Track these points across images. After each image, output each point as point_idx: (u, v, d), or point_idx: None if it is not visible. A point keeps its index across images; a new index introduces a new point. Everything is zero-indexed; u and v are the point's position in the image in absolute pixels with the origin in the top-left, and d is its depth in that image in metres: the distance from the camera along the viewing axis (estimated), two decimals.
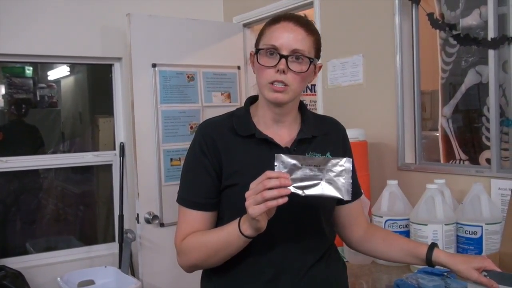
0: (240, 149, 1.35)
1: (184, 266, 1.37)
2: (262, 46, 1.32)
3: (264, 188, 1.12)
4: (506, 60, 2.12)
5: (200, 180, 1.35)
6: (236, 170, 1.33)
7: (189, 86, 3.31)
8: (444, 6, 2.43)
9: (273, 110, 1.37)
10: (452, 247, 1.98)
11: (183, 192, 1.38)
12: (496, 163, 2.12)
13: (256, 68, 1.35)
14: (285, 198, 1.12)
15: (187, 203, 1.36)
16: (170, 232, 3.17)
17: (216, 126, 1.39)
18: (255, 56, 1.34)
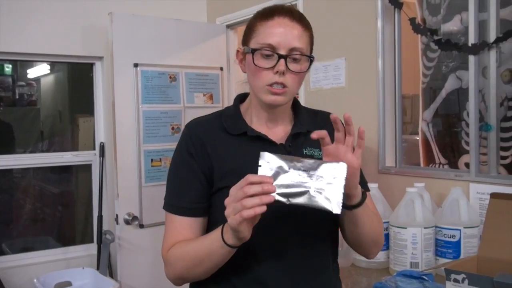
0: (231, 148, 1.26)
1: (171, 278, 1.27)
2: (257, 46, 1.21)
3: (244, 196, 1.02)
4: (486, 66, 2.15)
5: (187, 184, 1.25)
6: (229, 170, 1.22)
7: (171, 86, 3.29)
8: (426, 11, 2.45)
9: (267, 111, 1.29)
10: (430, 250, 1.99)
11: (169, 198, 1.29)
12: (475, 168, 2.14)
13: (250, 69, 1.24)
14: (263, 207, 1.01)
15: (174, 209, 1.26)
16: (150, 233, 3.17)
17: (203, 125, 1.30)
18: (248, 56, 1.23)
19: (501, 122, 2.14)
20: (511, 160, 2.13)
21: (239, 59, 1.30)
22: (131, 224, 3.07)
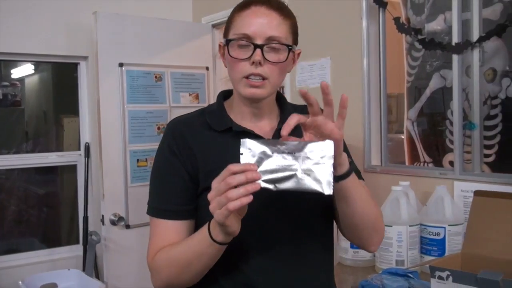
0: (216, 145, 1.19)
1: (158, 287, 1.18)
2: (233, 36, 1.16)
3: (228, 188, 0.95)
4: (469, 65, 2.17)
5: (170, 184, 1.19)
6: (214, 168, 1.07)
7: (156, 86, 3.28)
8: (410, 10, 2.47)
9: (250, 105, 1.22)
10: (416, 248, 2.01)
11: (153, 201, 1.22)
12: (459, 166, 2.17)
13: (227, 61, 1.19)
14: (249, 197, 0.95)
15: (157, 212, 1.19)
16: (136, 234, 3.16)
17: (186, 123, 1.24)
18: (225, 48, 1.17)
19: (485, 121, 2.16)
20: (494, 158, 2.15)
21: (220, 53, 1.23)
22: (117, 225, 3.06)
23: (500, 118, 2.13)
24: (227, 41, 1.17)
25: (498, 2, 2.10)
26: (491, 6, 2.12)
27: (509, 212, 1.57)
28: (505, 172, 2.08)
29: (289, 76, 2.96)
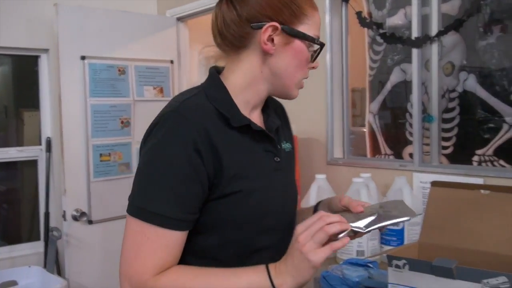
0: (238, 145, 1.05)
1: None
2: (312, 34, 1.05)
3: (325, 223, 0.93)
4: (428, 59, 2.21)
5: (190, 191, 0.99)
6: (237, 172, 1.02)
7: (120, 79, 3.24)
8: (372, 5, 2.50)
9: (262, 100, 1.13)
10: (376, 238, 2.04)
11: (159, 207, 0.98)
12: (418, 158, 2.21)
13: (298, 58, 1.06)
14: (347, 238, 0.95)
15: (167, 221, 0.97)
16: (99, 229, 3.12)
17: (204, 112, 1.03)
18: (306, 47, 1.06)
19: (443, 114, 2.21)
20: (452, 150, 2.21)
21: (269, 37, 1.03)
22: (79, 220, 3.01)
23: (458, 111, 2.18)
24: (320, 43, 1.07)
25: None
26: (450, 2, 2.17)
27: (465, 202, 1.60)
28: (462, 163, 2.14)
29: None
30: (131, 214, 1.01)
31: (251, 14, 1.03)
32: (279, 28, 1.03)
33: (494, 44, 2.04)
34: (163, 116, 1.02)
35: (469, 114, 2.14)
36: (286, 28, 1.04)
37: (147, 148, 1.02)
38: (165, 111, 1.03)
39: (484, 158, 2.09)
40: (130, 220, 1.01)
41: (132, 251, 1.01)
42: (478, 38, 2.08)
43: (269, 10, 1.03)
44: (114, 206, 3.21)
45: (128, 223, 1.02)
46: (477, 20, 2.07)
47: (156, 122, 1.03)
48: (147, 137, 1.03)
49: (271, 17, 1.03)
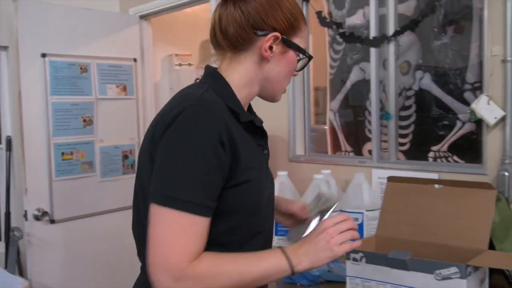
0: (244, 138, 1.12)
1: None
2: (306, 51, 1.18)
3: (353, 226, 1.13)
4: (386, 58, 2.27)
5: (215, 179, 1.04)
6: (247, 163, 1.09)
7: (82, 77, 3.19)
8: (332, 5, 2.54)
9: (252, 100, 1.24)
10: None
11: (192, 195, 1.01)
12: (377, 154, 2.27)
13: (287, 67, 1.17)
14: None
15: (198, 208, 1.01)
16: (62, 228, 3.08)
17: (221, 106, 1.10)
18: (297, 58, 1.17)
19: (400, 111, 2.27)
20: (408, 146, 2.27)
21: (270, 46, 1.12)
22: (41, 220, 2.96)
23: (414, 109, 2.24)
24: (309, 56, 1.19)
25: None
26: (406, 2, 2.22)
27: (419, 196, 1.65)
28: (418, 159, 2.20)
29: None
30: (162, 204, 1.02)
31: (257, 21, 1.11)
32: (279, 38, 1.12)
33: (448, 44, 2.10)
34: (185, 109, 1.04)
35: (425, 112, 2.20)
36: (285, 39, 1.13)
37: (171, 139, 1.04)
38: (185, 105, 1.06)
39: (439, 154, 2.15)
40: (160, 210, 1.02)
41: (167, 240, 1.01)
42: (433, 38, 2.15)
43: (273, 20, 1.12)
44: (77, 205, 3.17)
45: (158, 213, 1.02)
46: (432, 20, 2.13)
47: (176, 114, 1.05)
48: (166, 129, 1.05)
49: (274, 27, 1.12)
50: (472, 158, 2.03)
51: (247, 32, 1.12)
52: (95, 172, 3.27)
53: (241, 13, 1.11)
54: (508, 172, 1.80)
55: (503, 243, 1.61)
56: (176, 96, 1.17)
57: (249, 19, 1.11)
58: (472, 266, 1.30)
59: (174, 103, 1.11)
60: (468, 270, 1.28)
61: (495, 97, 1.84)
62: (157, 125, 1.09)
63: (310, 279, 1.74)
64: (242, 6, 1.12)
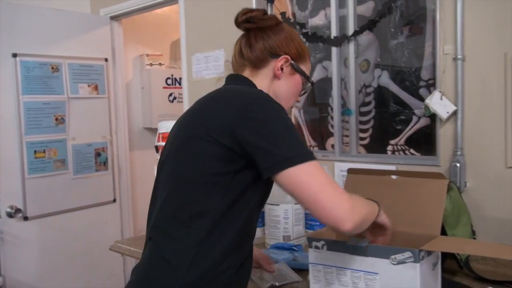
0: None
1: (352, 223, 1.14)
2: (309, 77, 1.40)
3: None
4: (346, 57, 2.30)
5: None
6: None
7: (53, 77, 3.15)
8: (295, 6, 2.57)
9: None
10: (301, 224, 2.11)
11: (305, 147, 1.17)
12: (339, 148, 2.30)
13: (294, 88, 1.38)
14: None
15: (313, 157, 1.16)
16: (35, 225, 3.03)
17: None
18: (302, 82, 1.38)
19: (360, 107, 2.31)
20: (368, 140, 2.31)
21: (281, 66, 1.34)
22: (14, 217, 2.92)
23: (373, 105, 2.28)
24: (311, 82, 1.43)
25: (370, 0, 2.24)
26: (364, 4, 2.26)
27: (377, 186, 1.69)
28: (377, 152, 2.24)
29: (186, 68, 2.97)
30: (300, 162, 1.11)
31: (273, 47, 1.34)
32: (289, 61, 1.34)
33: (404, 43, 2.15)
34: (257, 99, 1.19)
35: (383, 108, 2.24)
36: (294, 63, 1.35)
37: (264, 118, 1.15)
38: (254, 96, 1.21)
39: (397, 147, 2.20)
40: (301, 167, 1.12)
41: (330, 187, 1.13)
42: (390, 37, 2.19)
43: (286, 48, 1.35)
44: (50, 202, 3.13)
45: (302, 170, 1.12)
46: (389, 21, 2.17)
47: (248, 103, 1.17)
48: (244, 110, 1.16)
49: (286, 52, 1.34)
50: (427, 151, 2.08)
51: (264, 55, 1.34)
52: (68, 169, 3.23)
53: (262, 40, 1.35)
54: (459, 163, 1.86)
55: (455, 229, 1.66)
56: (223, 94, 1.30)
57: (266, 45, 1.34)
58: (425, 250, 1.33)
59: (229, 97, 1.25)
60: (421, 255, 1.32)
61: (447, 93, 1.89)
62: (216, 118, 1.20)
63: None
64: (260, 37, 1.36)
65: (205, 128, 1.20)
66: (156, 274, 1.20)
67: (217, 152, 1.17)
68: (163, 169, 1.32)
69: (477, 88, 1.82)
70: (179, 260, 1.17)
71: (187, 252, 1.17)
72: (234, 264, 1.22)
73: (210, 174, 1.17)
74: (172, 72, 3.96)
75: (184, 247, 1.17)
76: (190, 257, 1.16)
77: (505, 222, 1.78)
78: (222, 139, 1.16)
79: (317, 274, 1.50)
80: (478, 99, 1.82)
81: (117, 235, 3.50)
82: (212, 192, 1.17)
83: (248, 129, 1.14)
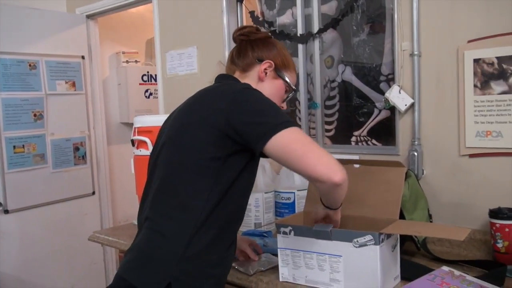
0: None
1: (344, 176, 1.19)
2: (291, 83, 1.49)
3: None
4: (312, 54, 2.31)
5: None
6: None
7: (31, 74, 3.09)
8: (264, 5, 2.56)
9: None
10: (271, 212, 2.12)
11: (288, 117, 1.25)
12: None
13: (278, 93, 1.46)
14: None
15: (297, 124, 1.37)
16: (16, 218, 2.97)
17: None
18: (285, 88, 1.48)
19: (325, 101, 2.33)
20: (334, 132, 2.33)
21: (265, 69, 1.43)
22: None
23: (338, 99, 2.30)
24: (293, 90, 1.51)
25: (334, 0, 2.25)
26: (328, 3, 2.27)
27: None
28: (342, 143, 2.26)
29: (160, 64, 2.94)
30: (286, 127, 1.19)
31: (260, 54, 1.45)
32: (273, 66, 1.44)
33: (366, 40, 2.17)
34: (244, 89, 1.30)
35: (347, 101, 2.26)
36: (277, 69, 1.45)
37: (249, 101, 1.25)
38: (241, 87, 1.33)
39: (360, 138, 2.23)
40: (286, 132, 1.18)
41: (316, 146, 1.20)
42: (352, 35, 2.20)
43: (272, 56, 1.46)
44: (31, 196, 3.08)
45: (287, 135, 1.18)
46: (351, 19, 2.19)
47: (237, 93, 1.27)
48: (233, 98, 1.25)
49: (271, 59, 1.45)
50: (387, 141, 2.11)
51: (252, 61, 1.45)
52: (47, 163, 3.18)
53: (252, 50, 1.45)
54: (417, 152, 1.89)
55: (412, 214, 1.69)
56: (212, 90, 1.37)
57: (254, 54, 1.45)
58: (384, 234, 1.36)
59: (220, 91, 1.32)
60: (381, 238, 1.34)
61: (405, 87, 1.92)
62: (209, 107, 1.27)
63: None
64: (253, 48, 1.46)
65: (199, 116, 1.28)
66: (155, 249, 1.25)
67: (211, 138, 1.24)
68: (159, 157, 1.36)
69: (432, 82, 1.86)
70: (178, 237, 1.23)
71: (186, 230, 1.23)
72: (228, 241, 1.31)
73: (204, 158, 1.24)
74: (148, 69, 3.92)
75: (182, 225, 1.24)
76: (188, 235, 1.22)
77: (459, 206, 1.83)
78: (217, 125, 1.23)
79: (285, 258, 1.51)
80: (433, 92, 1.86)
81: (97, 226, 3.47)
82: (206, 175, 1.24)
83: (240, 111, 1.22)
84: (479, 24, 1.73)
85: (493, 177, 1.74)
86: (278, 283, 1.52)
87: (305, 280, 1.48)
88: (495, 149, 1.72)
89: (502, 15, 1.68)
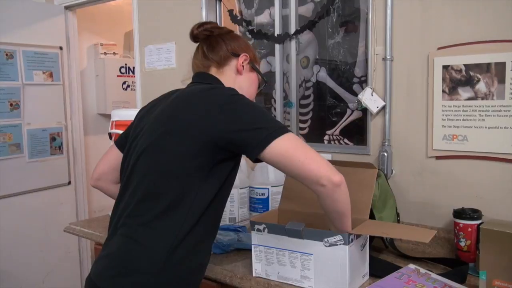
0: None
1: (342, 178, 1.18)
2: (264, 77, 1.53)
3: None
4: (288, 53, 2.30)
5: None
6: None
7: (8, 63, 2.99)
8: (242, 4, 2.53)
9: None
10: (245, 207, 2.12)
11: (281, 123, 1.23)
12: None
13: (253, 84, 1.48)
14: None
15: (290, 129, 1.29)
16: None
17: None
18: (258, 80, 1.49)
19: (300, 100, 2.32)
20: (308, 130, 2.33)
21: (242, 63, 1.43)
22: None
23: (312, 98, 2.30)
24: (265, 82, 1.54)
25: (310, 2, 2.24)
26: (305, 5, 2.26)
27: None
28: (315, 142, 2.27)
29: (138, 58, 2.89)
30: (282, 133, 1.16)
31: (234, 49, 1.43)
32: (248, 59, 1.45)
33: (340, 42, 2.17)
34: (231, 96, 1.24)
35: (321, 101, 2.26)
36: (251, 62, 1.46)
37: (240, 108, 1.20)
38: (228, 94, 1.26)
39: (333, 137, 2.23)
40: (284, 138, 1.16)
41: (313, 151, 1.17)
42: (327, 37, 2.20)
43: (245, 49, 1.46)
44: (6, 185, 3.00)
45: (284, 141, 1.16)
46: (327, 22, 2.18)
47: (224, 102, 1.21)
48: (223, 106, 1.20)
49: (245, 53, 1.45)
50: (359, 141, 2.13)
51: (227, 54, 1.43)
52: (23, 153, 3.09)
53: (224, 44, 1.43)
54: (387, 152, 1.91)
55: (382, 212, 1.71)
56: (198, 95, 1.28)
57: (228, 47, 1.43)
58: (354, 234, 1.37)
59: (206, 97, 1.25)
60: (350, 238, 1.35)
61: (377, 90, 1.93)
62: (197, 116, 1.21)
63: (222, 248, 1.76)
64: (222, 41, 1.43)
65: (186, 123, 1.21)
66: (133, 259, 1.19)
67: (198, 146, 1.19)
68: (138, 162, 1.28)
69: (403, 86, 1.87)
70: (158, 247, 1.18)
71: (167, 239, 1.19)
72: (208, 248, 1.31)
73: (189, 167, 1.19)
74: (126, 62, 3.84)
75: (164, 234, 1.19)
76: (170, 245, 1.18)
77: (425, 205, 1.86)
78: (205, 133, 1.18)
79: (259, 254, 1.51)
80: (404, 95, 1.87)
81: (72, 216, 3.40)
82: (190, 184, 1.20)
83: (231, 120, 1.18)
84: (449, 32, 1.75)
85: (458, 179, 1.77)
86: (251, 278, 1.52)
87: (277, 276, 1.48)
88: (461, 152, 1.75)
89: (469, 24, 1.70)
